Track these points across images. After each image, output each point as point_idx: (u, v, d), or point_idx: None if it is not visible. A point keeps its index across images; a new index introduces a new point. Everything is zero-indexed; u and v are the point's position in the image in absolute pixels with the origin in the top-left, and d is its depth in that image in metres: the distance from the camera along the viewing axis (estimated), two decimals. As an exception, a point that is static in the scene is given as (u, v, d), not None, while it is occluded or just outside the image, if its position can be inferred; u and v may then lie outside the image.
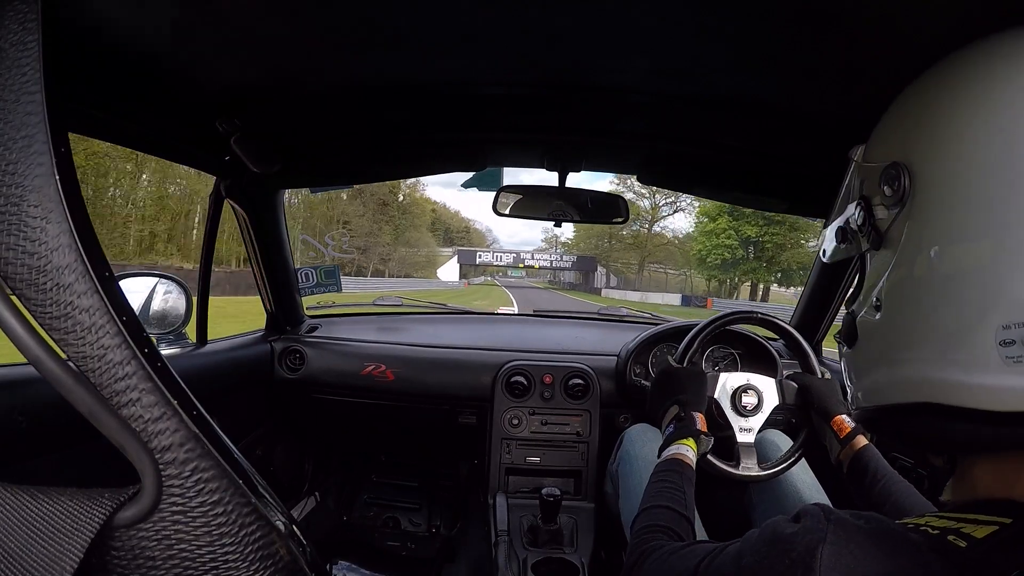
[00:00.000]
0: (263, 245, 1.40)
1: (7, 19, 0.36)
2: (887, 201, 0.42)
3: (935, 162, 0.39)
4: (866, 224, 0.44)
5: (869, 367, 0.45)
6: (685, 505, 0.70)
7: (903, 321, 0.41)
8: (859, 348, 0.47)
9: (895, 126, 0.45)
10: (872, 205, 0.44)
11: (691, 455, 0.80)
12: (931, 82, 0.42)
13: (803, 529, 0.40)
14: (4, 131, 0.35)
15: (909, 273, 0.40)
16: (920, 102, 0.42)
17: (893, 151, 0.42)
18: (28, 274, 0.35)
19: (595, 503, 1.40)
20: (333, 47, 0.78)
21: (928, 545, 0.37)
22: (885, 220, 0.43)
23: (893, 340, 0.42)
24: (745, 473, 0.93)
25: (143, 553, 0.38)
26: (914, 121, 0.42)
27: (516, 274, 59.98)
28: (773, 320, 1.12)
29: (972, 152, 0.36)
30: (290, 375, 1.49)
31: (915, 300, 0.40)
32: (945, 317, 0.37)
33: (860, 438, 0.85)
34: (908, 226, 0.40)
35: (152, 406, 0.37)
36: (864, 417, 0.47)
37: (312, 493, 1.76)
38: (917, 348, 0.40)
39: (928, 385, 0.39)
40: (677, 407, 0.88)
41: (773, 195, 1.28)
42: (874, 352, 0.45)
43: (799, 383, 0.98)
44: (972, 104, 0.37)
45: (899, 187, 0.40)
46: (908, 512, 0.73)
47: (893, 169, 0.41)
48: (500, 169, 1.46)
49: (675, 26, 0.68)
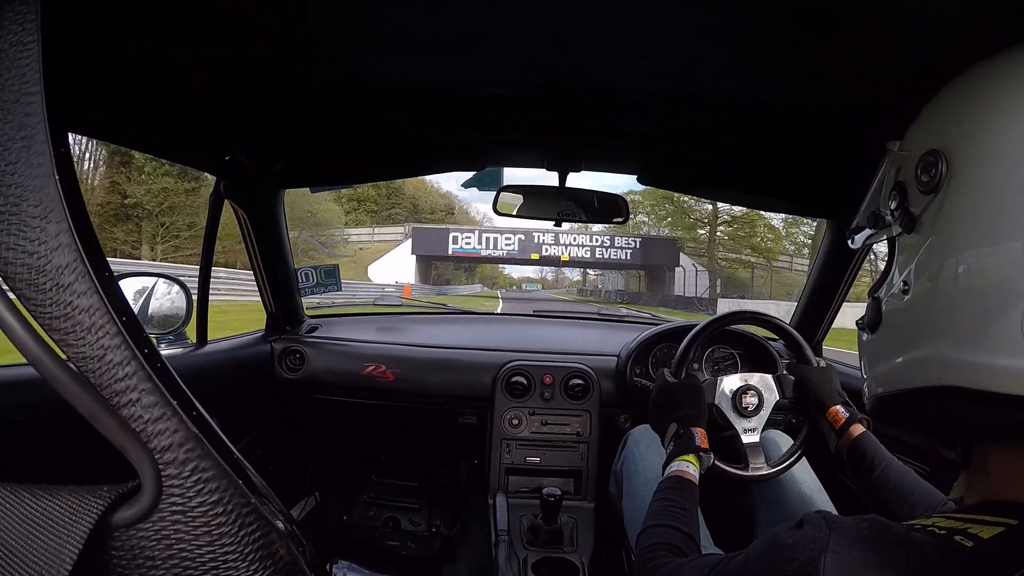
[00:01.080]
0: (263, 245, 1.40)
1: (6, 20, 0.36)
2: (923, 187, 0.43)
3: (973, 151, 0.40)
4: (900, 209, 0.45)
5: (891, 351, 0.46)
6: (687, 523, 0.71)
7: (930, 304, 0.41)
8: (882, 333, 0.47)
9: (936, 115, 0.45)
10: (907, 190, 0.45)
11: (693, 471, 0.80)
12: (977, 75, 0.43)
13: (805, 538, 0.41)
14: (3, 131, 0.35)
15: (940, 257, 0.41)
16: (964, 93, 0.43)
17: (932, 139, 0.43)
18: (28, 274, 0.35)
19: (595, 503, 1.40)
20: (333, 47, 0.78)
21: (933, 545, 0.37)
22: (919, 205, 0.43)
23: (919, 323, 0.42)
24: (755, 473, 0.93)
25: (143, 553, 0.38)
26: (957, 111, 0.43)
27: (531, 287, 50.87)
28: (764, 317, 1.13)
29: (1011, 144, 0.37)
30: (290, 375, 1.49)
31: (944, 283, 0.40)
32: (973, 300, 0.38)
33: (856, 427, 0.85)
34: (941, 212, 0.41)
35: (152, 406, 0.37)
36: (880, 407, 0.48)
37: (312, 493, 1.76)
38: (943, 330, 0.40)
39: (952, 367, 0.39)
40: (676, 424, 0.89)
41: (773, 195, 1.28)
42: (898, 335, 0.45)
43: (795, 375, 0.98)
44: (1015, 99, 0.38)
45: (936, 173, 0.41)
46: (908, 495, 0.74)
47: (931, 156, 0.42)
48: (500, 169, 1.46)
49: (675, 27, 0.68)
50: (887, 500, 0.76)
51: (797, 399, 0.97)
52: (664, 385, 0.98)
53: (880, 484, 0.78)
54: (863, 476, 0.80)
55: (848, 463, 0.84)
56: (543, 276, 60.26)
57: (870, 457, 0.81)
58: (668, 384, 0.97)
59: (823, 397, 0.92)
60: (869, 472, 0.80)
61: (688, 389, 0.95)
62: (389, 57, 0.80)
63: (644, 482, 1.04)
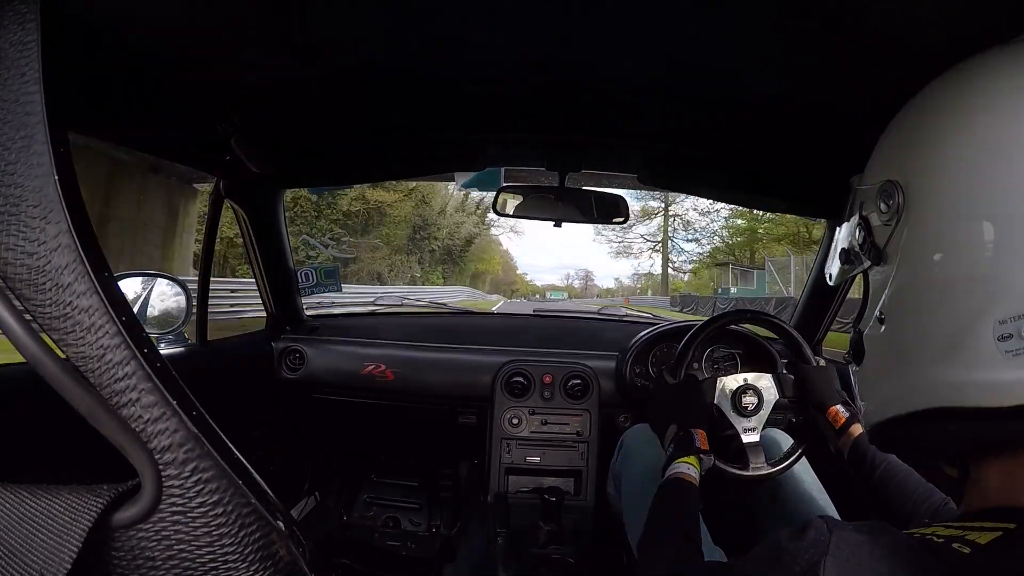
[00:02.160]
0: (263, 245, 1.40)
1: (6, 19, 0.36)
2: (883, 218, 0.44)
3: (925, 175, 0.41)
4: (866, 243, 0.47)
5: (878, 380, 0.47)
6: (689, 527, 0.71)
7: (905, 329, 0.43)
8: (867, 363, 0.49)
9: (888, 148, 0.48)
10: (871, 224, 0.47)
11: (693, 472, 0.80)
12: (917, 104, 0.45)
13: (806, 543, 0.41)
14: (3, 131, 0.35)
15: (907, 282, 0.42)
16: (908, 123, 0.45)
17: (887, 170, 0.45)
18: (27, 274, 0.35)
19: (595, 503, 1.40)
20: (333, 47, 0.78)
21: (931, 552, 0.37)
22: (883, 236, 0.45)
23: (898, 349, 0.44)
24: (756, 473, 0.93)
25: (143, 553, 0.38)
26: (904, 140, 0.45)
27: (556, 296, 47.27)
28: (764, 317, 1.13)
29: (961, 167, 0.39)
30: (290, 375, 1.49)
31: (915, 307, 0.42)
32: (944, 319, 0.39)
33: (856, 426, 0.85)
34: (904, 239, 0.43)
35: (152, 406, 0.37)
36: (877, 434, 0.48)
37: (312, 493, 1.76)
38: (920, 353, 0.41)
39: (934, 389, 0.40)
40: (676, 426, 0.89)
41: (773, 195, 1.28)
42: (881, 364, 0.46)
43: (795, 375, 0.98)
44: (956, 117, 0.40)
45: (893, 203, 0.43)
46: (910, 494, 0.75)
47: (888, 187, 0.44)
48: (500, 169, 1.46)
49: (676, 26, 0.68)
50: (889, 499, 0.76)
51: (797, 399, 0.97)
52: (663, 387, 0.97)
53: (882, 484, 0.78)
54: (865, 476, 0.80)
55: (849, 463, 0.84)
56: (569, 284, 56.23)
57: (871, 457, 0.81)
58: (667, 386, 0.97)
59: (823, 397, 0.92)
60: (871, 472, 0.79)
61: (687, 390, 0.95)
62: (389, 57, 0.80)
63: (642, 481, 1.04)
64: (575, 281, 56.79)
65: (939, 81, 0.43)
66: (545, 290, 55.24)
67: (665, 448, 0.89)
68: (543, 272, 77.77)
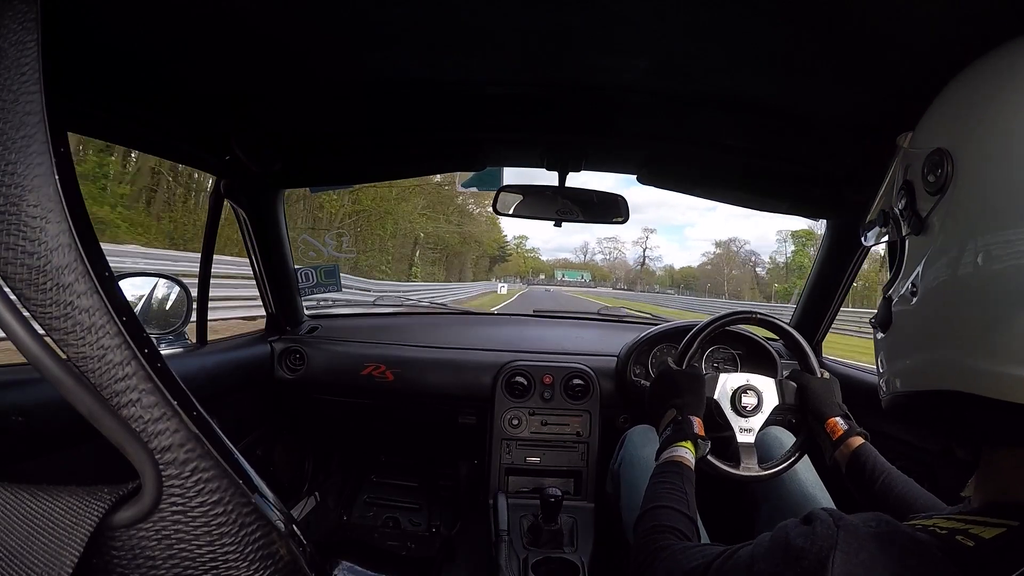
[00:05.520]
0: (263, 245, 1.40)
1: (6, 19, 0.36)
2: (929, 188, 0.42)
3: (977, 150, 0.39)
4: (908, 209, 0.44)
5: (903, 353, 0.45)
6: (687, 505, 0.70)
7: (938, 309, 0.41)
8: (893, 333, 0.47)
9: (942, 111, 0.44)
10: (915, 190, 0.44)
11: (689, 456, 0.80)
12: (980, 70, 0.41)
13: (814, 537, 0.41)
14: (3, 131, 0.35)
15: (946, 262, 0.40)
16: (968, 89, 0.42)
17: (938, 137, 0.42)
18: (27, 274, 0.35)
19: (595, 503, 1.40)
20: (333, 47, 0.78)
21: (936, 544, 0.37)
22: (926, 205, 0.43)
23: (927, 327, 0.42)
24: (745, 473, 0.93)
25: (143, 553, 0.38)
26: (961, 108, 0.42)
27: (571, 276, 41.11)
28: (772, 320, 1.12)
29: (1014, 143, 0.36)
30: (290, 375, 1.49)
31: (951, 289, 0.40)
32: (979, 307, 0.37)
33: (855, 439, 0.85)
34: (947, 214, 0.40)
35: (152, 406, 0.37)
36: (895, 403, 0.47)
37: (312, 493, 1.76)
38: (951, 336, 0.39)
39: (960, 374, 0.38)
40: (675, 411, 0.88)
41: (773, 195, 1.28)
42: (908, 338, 0.45)
43: (798, 383, 0.98)
44: (1018, 95, 0.37)
45: (942, 174, 0.40)
46: (912, 505, 0.74)
47: (936, 155, 0.41)
48: (500, 169, 1.46)
49: (676, 26, 0.68)
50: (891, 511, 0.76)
51: (796, 406, 0.97)
52: (666, 371, 0.97)
53: (882, 495, 0.77)
54: (864, 488, 0.80)
55: (847, 475, 0.84)
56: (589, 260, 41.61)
57: (870, 469, 0.80)
58: (671, 371, 0.97)
59: (823, 407, 0.91)
60: (870, 484, 0.79)
61: (690, 377, 0.95)
62: (389, 56, 0.80)
63: (642, 482, 1.04)
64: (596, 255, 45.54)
65: (1003, 49, 0.40)
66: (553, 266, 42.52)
67: (660, 432, 0.89)
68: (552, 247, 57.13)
